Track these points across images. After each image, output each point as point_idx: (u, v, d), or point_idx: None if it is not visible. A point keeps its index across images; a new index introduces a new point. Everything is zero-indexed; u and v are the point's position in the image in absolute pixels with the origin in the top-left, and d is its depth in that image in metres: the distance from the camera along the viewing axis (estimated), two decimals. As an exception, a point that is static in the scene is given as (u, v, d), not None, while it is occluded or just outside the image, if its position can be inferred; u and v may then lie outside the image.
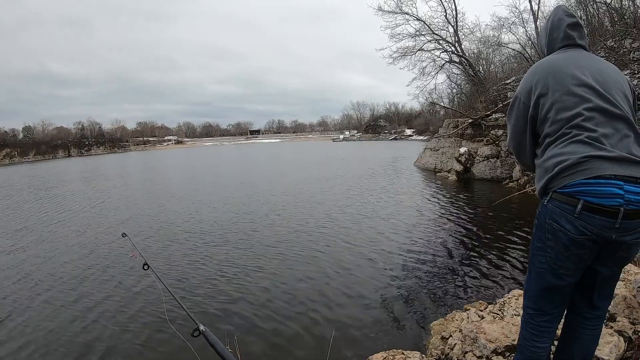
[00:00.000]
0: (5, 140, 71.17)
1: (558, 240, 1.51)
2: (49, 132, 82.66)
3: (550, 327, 1.69)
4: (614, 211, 1.36)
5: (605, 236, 1.41)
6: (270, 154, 38.96)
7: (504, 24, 19.04)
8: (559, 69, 1.60)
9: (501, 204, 8.71)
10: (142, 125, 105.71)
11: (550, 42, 1.76)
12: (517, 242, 6.17)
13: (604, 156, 1.40)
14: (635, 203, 1.35)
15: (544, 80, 1.62)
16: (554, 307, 1.66)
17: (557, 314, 1.69)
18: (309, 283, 5.09)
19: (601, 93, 1.49)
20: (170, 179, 20.49)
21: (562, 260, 1.53)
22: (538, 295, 1.67)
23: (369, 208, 9.51)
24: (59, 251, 7.13)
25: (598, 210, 1.38)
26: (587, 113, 1.47)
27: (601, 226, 1.39)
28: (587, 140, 1.44)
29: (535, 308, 1.69)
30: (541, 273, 1.62)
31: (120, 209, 11.28)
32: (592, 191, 1.38)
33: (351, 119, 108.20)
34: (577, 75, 1.54)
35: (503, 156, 13.00)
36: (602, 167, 1.39)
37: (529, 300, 1.72)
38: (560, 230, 1.49)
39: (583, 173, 1.41)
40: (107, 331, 4.09)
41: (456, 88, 26.88)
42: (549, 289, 1.62)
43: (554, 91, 1.57)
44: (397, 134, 72.42)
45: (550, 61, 1.68)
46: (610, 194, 1.36)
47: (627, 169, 1.38)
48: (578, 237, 1.44)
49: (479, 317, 3.23)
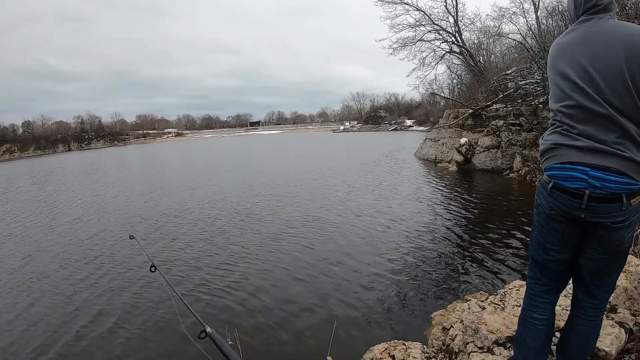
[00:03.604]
0: (5, 136, 70.61)
1: (539, 215, 1.74)
2: (49, 127, 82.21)
3: (546, 299, 1.82)
4: (579, 193, 1.53)
5: (574, 215, 1.59)
6: (271, 148, 38.72)
7: (505, 14, 18.92)
8: (559, 58, 1.71)
9: (502, 194, 8.72)
10: (142, 119, 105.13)
11: (576, 7, 1.72)
12: (518, 233, 6.18)
13: (572, 145, 1.57)
14: (601, 188, 1.49)
15: (549, 65, 1.78)
16: (549, 279, 1.80)
17: (553, 287, 1.83)
18: (309, 277, 5.11)
19: (585, 91, 1.56)
20: (173, 178, 20.43)
21: (545, 234, 1.73)
22: (534, 265, 1.85)
23: (368, 200, 9.53)
24: (65, 251, 7.16)
25: (565, 191, 1.58)
26: (566, 110, 1.62)
27: (568, 205, 1.58)
28: (564, 132, 1.62)
29: (532, 277, 1.86)
30: (534, 246, 1.82)
31: (128, 207, 11.31)
32: (559, 175, 1.59)
33: (351, 110, 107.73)
34: (566, 72, 1.64)
35: (504, 147, 12.96)
36: (568, 154, 1.57)
37: (529, 270, 1.91)
38: (540, 205, 1.73)
39: (555, 158, 1.62)
40: (114, 332, 4.11)
41: (456, 78, 26.79)
42: (540, 263, 1.79)
43: (551, 81, 1.74)
44: (398, 125, 72.10)
45: (554, 48, 1.77)
46: (573, 178, 1.55)
47: (594, 158, 1.51)
48: (550, 212, 1.66)
49: (480, 307, 3.25)
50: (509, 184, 11.03)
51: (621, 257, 1.70)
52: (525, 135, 12.03)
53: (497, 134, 13.29)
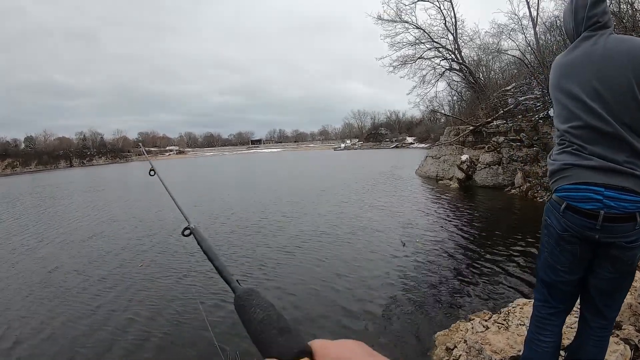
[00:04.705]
0: (7, 150, 71.04)
1: (550, 236, 1.70)
2: (51, 143, 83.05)
3: (554, 321, 1.79)
4: (593, 214, 1.52)
5: (587, 235, 1.56)
6: (273, 166, 38.79)
7: (503, 31, 19.13)
8: (564, 78, 1.69)
9: (503, 210, 8.66)
10: (144, 136, 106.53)
11: (576, 25, 1.71)
12: (520, 250, 6.09)
13: (584, 165, 1.56)
14: (616, 208, 1.48)
15: (553, 84, 1.77)
16: (557, 302, 1.77)
17: (562, 310, 1.79)
18: (307, 295, 5.02)
19: (594, 110, 1.55)
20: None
21: (556, 255, 1.69)
22: (542, 287, 1.81)
23: (367, 217, 9.44)
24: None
25: (578, 211, 1.56)
26: (574, 131, 1.60)
27: (582, 226, 1.56)
28: (574, 152, 1.61)
29: (540, 299, 1.83)
30: (543, 267, 1.78)
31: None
32: (573, 196, 1.57)
33: (352, 127, 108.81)
34: (573, 92, 1.62)
35: (505, 163, 12.94)
36: (581, 174, 1.56)
37: (536, 292, 1.88)
38: (550, 226, 1.69)
39: (567, 179, 1.60)
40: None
41: (457, 95, 27.05)
42: (549, 284, 1.76)
43: (556, 101, 1.74)
44: (399, 142, 72.54)
45: (558, 67, 1.75)
46: (587, 199, 1.53)
47: (608, 178, 1.50)
48: (562, 233, 1.63)
49: (484, 327, 3.18)
50: (510, 200, 10.96)
51: (631, 276, 1.68)
52: (526, 151, 12.04)
53: (498, 150, 13.29)
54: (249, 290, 0.48)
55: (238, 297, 0.48)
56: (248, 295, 0.47)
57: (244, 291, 0.48)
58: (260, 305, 0.44)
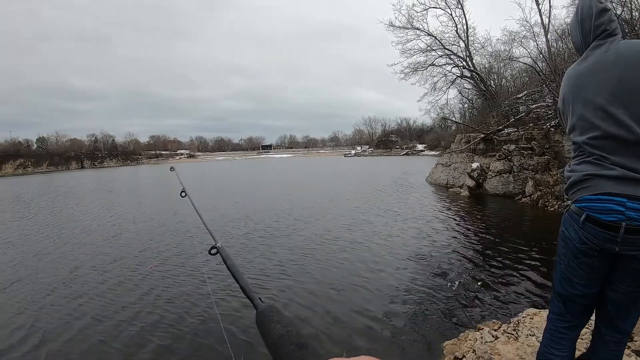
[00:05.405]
0: (19, 151, 71.48)
1: (568, 248, 1.65)
2: (63, 144, 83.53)
3: (568, 336, 1.75)
4: (615, 225, 1.46)
5: (607, 248, 1.51)
6: (285, 167, 38.83)
7: (515, 38, 19.05)
8: (580, 88, 1.64)
9: (514, 219, 8.59)
10: (155, 139, 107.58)
11: (584, 36, 1.68)
12: (531, 260, 6.04)
13: (606, 175, 1.50)
14: (638, 220, 1.42)
15: (568, 96, 1.71)
16: (573, 315, 1.73)
17: (576, 324, 1.75)
18: (314, 301, 5.02)
19: (615, 117, 1.50)
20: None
21: (573, 267, 1.64)
22: (557, 300, 1.77)
23: (379, 224, 9.44)
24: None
25: (599, 223, 1.50)
26: (594, 142, 1.55)
27: (602, 238, 1.50)
28: (595, 162, 1.55)
29: (555, 312, 1.78)
30: (559, 280, 1.73)
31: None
32: (594, 207, 1.51)
33: (362, 134, 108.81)
34: (593, 101, 1.57)
35: (515, 171, 12.84)
36: (603, 185, 1.50)
37: (551, 305, 1.83)
38: (568, 238, 1.64)
39: (588, 189, 1.54)
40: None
41: (468, 103, 26.92)
42: (566, 298, 1.71)
43: (573, 113, 1.67)
44: (409, 149, 72.39)
45: (572, 78, 1.70)
46: (609, 210, 1.47)
47: (631, 188, 1.45)
48: (581, 246, 1.57)
49: (493, 337, 3.15)
50: (521, 208, 10.86)
51: None
52: (537, 159, 11.94)
53: (509, 159, 13.20)
54: (270, 306, 0.50)
55: (260, 313, 0.49)
56: (269, 311, 0.48)
57: (265, 307, 0.49)
58: (281, 321, 0.45)
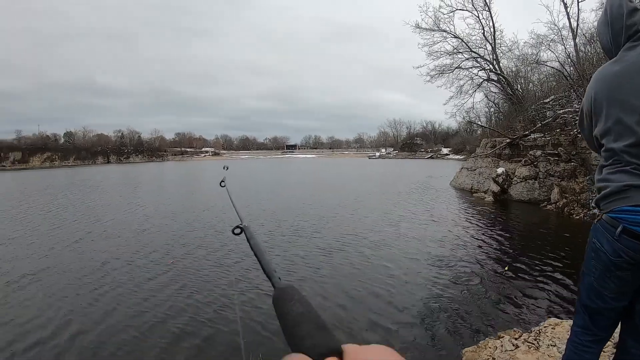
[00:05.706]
0: (47, 144, 72.31)
1: (600, 260, 1.55)
2: (90, 139, 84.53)
3: (592, 349, 1.69)
4: None
5: None
6: (311, 168, 38.84)
7: (543, 42, 18.62)
8: (613, 89, 1.55)
9: (539, 227, 8.50)
10: (180, 136, 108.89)
11: (614, 36, 1.60)
12: (554, 269, 6.00)
13: None
14: None
15: (600, 96, 1.61)
16: (599, 329, 1.66)
17: (602, 337, 1.69)
18: (334, 294, 5.16)
19: None
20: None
21: (604, 280, 1.56)
22: (583, 312, 1.69)
23: (403, 227, 9.51)
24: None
25: (636, 236, 1.42)
26: (632, 149, 1.47)
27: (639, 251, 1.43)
28: (633, 171, 1.46)
29: (581, 326, 1.71)
30: (587, 293, 1.66)
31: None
32: (632, 219, 1.43)
33: (387, 136, 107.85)
34: (632, 103, 1.48)
35: (541, 177, 12.64)
36: None
37: (577, 317, 1.75)
38: (601, 250, 1.55)
39: (625, 200, 1.45)
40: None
41: (494, 107, 26.55)
42: (594, 311, 1.64)
43: (607, 115, 1.57)
44: (434, 153, 71.46)
45: (607, 79, 1.60)
46: None
47: None
48: (615, 259, 1.48)
49: (513, 345, 3.13)
50: (546, 216, 10.71)
51: None
52: (563, 165, 11.75)
53: (535, 164, 13.00)
54: (290, 286, 0.48)
55: (279, 290, 0.48)
56: (290, 290, 0.47)
57: (285, 286, 0.48)
58: (301, 300, 0.44)
